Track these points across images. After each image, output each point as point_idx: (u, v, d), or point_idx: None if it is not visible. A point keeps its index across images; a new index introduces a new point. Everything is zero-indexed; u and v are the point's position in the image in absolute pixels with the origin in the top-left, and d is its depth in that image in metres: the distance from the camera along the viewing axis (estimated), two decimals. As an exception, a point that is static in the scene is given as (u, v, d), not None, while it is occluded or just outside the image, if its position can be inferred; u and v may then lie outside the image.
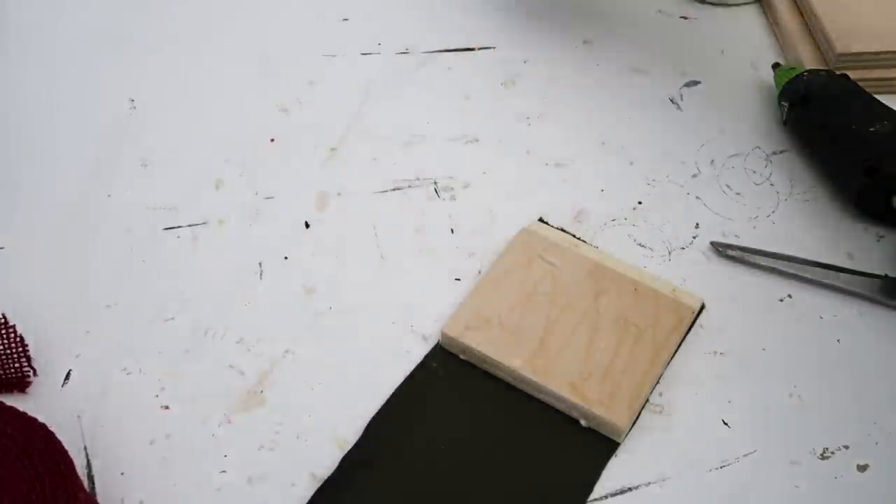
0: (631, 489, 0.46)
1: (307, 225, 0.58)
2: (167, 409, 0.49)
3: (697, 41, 0.71)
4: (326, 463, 0.47)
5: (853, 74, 0.62)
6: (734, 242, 0.57)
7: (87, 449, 0.48)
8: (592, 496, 0.46)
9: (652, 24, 0.72)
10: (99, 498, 0.46)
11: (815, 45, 0.67)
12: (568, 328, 0.51)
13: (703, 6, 0.74)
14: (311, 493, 0.46)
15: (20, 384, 0.50)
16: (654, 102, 0.66)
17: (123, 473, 0.47)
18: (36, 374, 0.50)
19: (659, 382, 0.50)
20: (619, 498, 0.46)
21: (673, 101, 0.66)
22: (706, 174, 0.61)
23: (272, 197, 0.60)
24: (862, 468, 0.47)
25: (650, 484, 0.47)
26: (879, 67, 0.65)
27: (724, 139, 0.63)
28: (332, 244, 0.57)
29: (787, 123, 0.63)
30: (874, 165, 0.56)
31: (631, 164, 0.62)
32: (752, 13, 0.73)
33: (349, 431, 0.48)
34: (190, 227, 0.58)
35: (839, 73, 0.62)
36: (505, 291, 0.52)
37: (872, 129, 0.57)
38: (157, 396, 0.50)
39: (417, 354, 0.51)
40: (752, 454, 0.48)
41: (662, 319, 0.51)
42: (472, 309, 0.52)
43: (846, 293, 0.54)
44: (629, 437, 0.48)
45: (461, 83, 0.67)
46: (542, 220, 0.58)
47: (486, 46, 0.70)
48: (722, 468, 0.47)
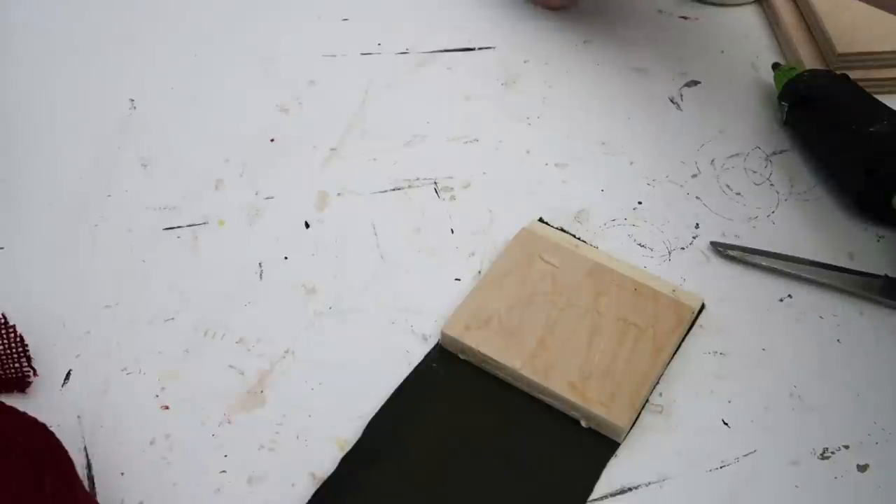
0: (631, 489, 0.46)
1: (307, 225, 0.58)
2: (167, 409, 0.49)
3: (697, 41, 0.71)
4: (326, 463, 0.47)
5: (853, 74, 0.62)
6: (734, 242, 0.57)
7: (87, 449, 0.48)
8: (592, 496, 0.46)
9: (652, 24, 0.72)
10: (99, 498, 0.46)
11: (815, 45, 0.67)
12: (568, 328, 0.51)
13: (703, 6, 0.74)
14: (311, 493, 0.46)
15: (20, 384, 0.49)
16: (654, 102, 0.66)
17: (123, 473, 0.47)
18: (36, 374, 0.50)
19: (659, 382, 0.50)
20: (619, 498, 0.46)
21: (673, 101, 0.66)
22: (706, 174, 0.61)
23: (272, 197, 0.60)
24: (862, 468, 0.47)
25: (650, 484, 0.47)
26: (879, 67, 0.65)
27: (724, 139, 0.63)
28: (332, 244, 0.57)
29: (787, 123, 0.63)
30: (874, 165, 0.56)
31: (631, 164, 0.62)
32: (752, 13, 0.73)
33: (349, 431, 0.48)
34: (190, 227, 0.58)
35: (839, 73, 0.62)
36: (505, 291, 0.52)
37: (872, 129, 0.57)
38: (157, 396, 0.50)
39: (417, 354, 0.51)
40: (752, 454, 0.48)
41: (662, 319, 0.51)
42: (471, 309, 0.52)
43: (846, 293, 0.54)
44: (629, 437, 0.48)
45: (461, 83, 0.67)
46: (542, 220, 0.58)
47: (486, 46, 0.70)
48: (722, 468, 0.47)
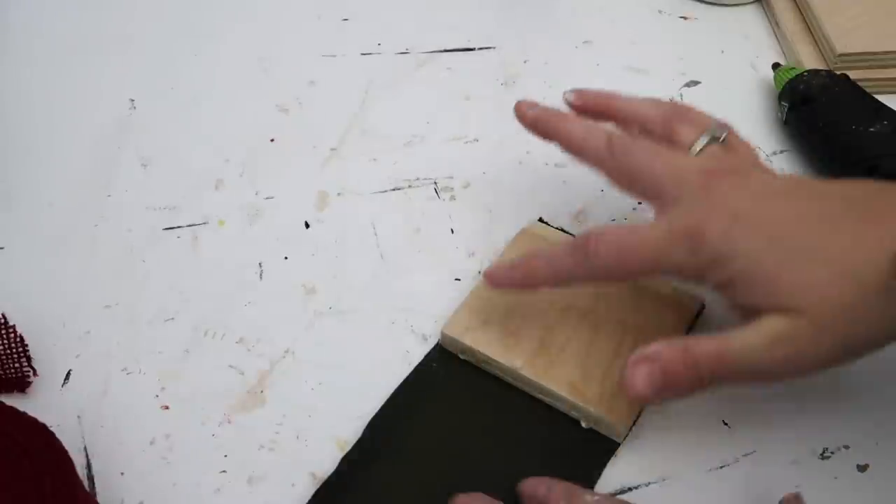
0: (631, 489, 0.46)
1: (307, 225, 0.58)
2: (167, 409, 0.49)
3: (697, 41, 0.71)
4: (326, 463, 0.47)
5: (853, 74, 0.62)
6: (734, 242, 0.57)
7: (87, 449, 0.48)
8: (592, 496, 0.46)
9: (652, 23, 0.72)
10: (99, 498, 0.46)
11: (815, 45, 0.67)
12: (568, 328, 0.51)
13: (703, 6, 0.74)
14: (311, 493, 0.46)
15: (20, 384, 0.49)
16: (654, 102, 0.66)
17: (123, 473, 0.47)
18: (36, 374, 0.50)
19: (659, 382, 0.50)
20: (619, 498, 0.46)
21: (673, 101, 0.66)
22: (706, 174, 0.61)
23: (272, 197, 0.60)
24: (862, 468, 0.47)
25: (650, 484, 0.47)
26: (879, 67, 0.65)
27: (724, 139, 0.63)
28: (331, 244, 0.57)
29: (787, 123, 0.63)
30: (874, 165, 0.56)
31: (631, 164, 0.62)
32: (752, 13, 0.73)
33: (349, 431, 0.48)
34: (190, 227, 0.58)
35: (839, 73, 0.62)
36: (505, 291, 0.52)
37: (872, 129, 0.57)
38: (157, 396, 0.50)
39: (417, 354, 0.51)
40: (752, 454, 0.48)
41: (662, 319, 0.51)
42: (472, 309, 0.52)
43: (846, 293, 0.54)
44: (629, 437, 0.48)
45: (461, 83, 0.67)
46: (542, 220, 0.58)
47: (486, 46, 0.70)
48: (722, 468, 0.47)
